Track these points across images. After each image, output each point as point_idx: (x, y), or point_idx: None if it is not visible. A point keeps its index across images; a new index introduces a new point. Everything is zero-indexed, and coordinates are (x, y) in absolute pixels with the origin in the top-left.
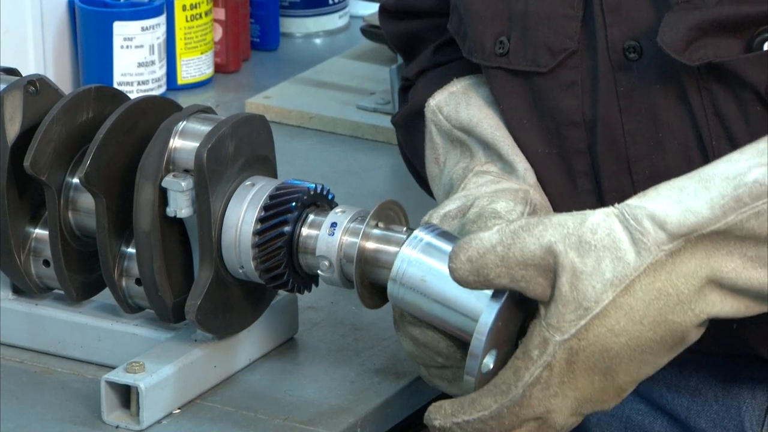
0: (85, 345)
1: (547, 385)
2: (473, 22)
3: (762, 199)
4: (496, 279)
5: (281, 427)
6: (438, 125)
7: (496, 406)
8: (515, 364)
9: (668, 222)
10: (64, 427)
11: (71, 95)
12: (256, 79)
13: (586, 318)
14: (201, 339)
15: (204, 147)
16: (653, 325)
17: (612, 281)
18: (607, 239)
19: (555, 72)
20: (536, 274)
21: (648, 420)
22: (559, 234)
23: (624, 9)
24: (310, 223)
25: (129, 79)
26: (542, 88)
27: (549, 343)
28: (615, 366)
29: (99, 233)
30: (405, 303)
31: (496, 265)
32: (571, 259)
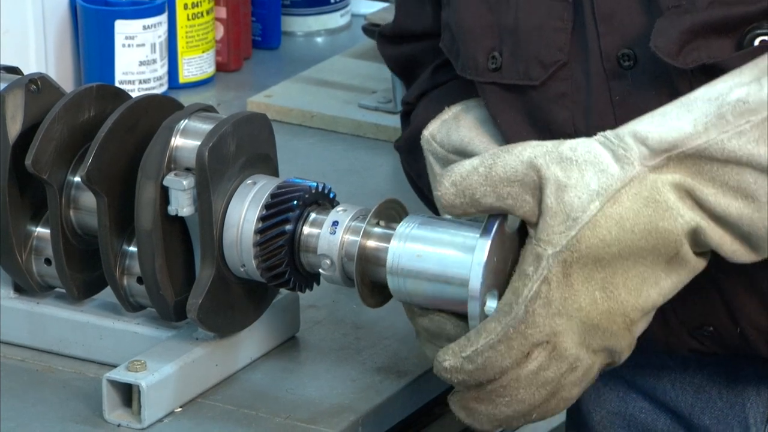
0: (87, 343)
1: (549, 301)
2: (465, 38)
3: (745, 118)
4: (483, 198)
5: (282, 426)
6: (434, 154)
7: (501, 327)
8: (513, 285)
9: (650, 138)
10: (65, 425)
11: (73, 94)
12: (257, 78)
13: (575, 228)
14: (202, 338)
15: (205, 146)
16: (644, 233)
17: (598, 191)
18: (588, 155)
19: (546, 84)
20: (522, 190)
21: (651, 418)
22: (539, 151)
23: (617, 18)
24: (312, 221)
25: (130, 77)
26: (535, 101)
27: (542, 258)
28: (612, 279)
29: (100, 232)
30: (407, 293)
31: (481, 184)
32: (554, 172)
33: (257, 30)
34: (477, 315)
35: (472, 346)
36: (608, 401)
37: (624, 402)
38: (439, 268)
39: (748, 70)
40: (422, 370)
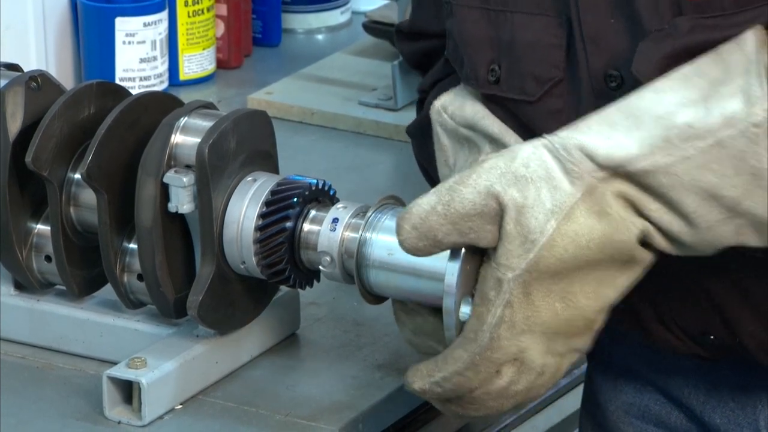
0: (87, 340)
1: (512, 323)
2: (467, 49)
3: (690, 143)
4: (445, 238)
5: (283, 423)
6: (443, 125)
7: (468, 354)
8: (477, 311)
9: (597, 154)
10: (65, 422)
11: (73, 91)
12: (257, 75)
13: (533, 251)
14: (203, 335)
15: (206, 143)
16: (600, 247)
17: (552, 210)
18: (541, 170)
19: (542, 100)
20: (483, 222)
21: (665, 410)
22: (494, 176)
23: (603, 39)
24: (312, 218)
25: (131, 74)
26: (531, 116)
27: (503, 282)
28: (570, 288)
29: (100, 229)
30: (384, 286)
31: (441, 225)
32: (511, 196)
33: (258, 27)
34: (452, 326)
35: (440, 372)
36: (624, 392)
37: (639, 394)
38: (412, 265)
39: (696, 79)
40: None
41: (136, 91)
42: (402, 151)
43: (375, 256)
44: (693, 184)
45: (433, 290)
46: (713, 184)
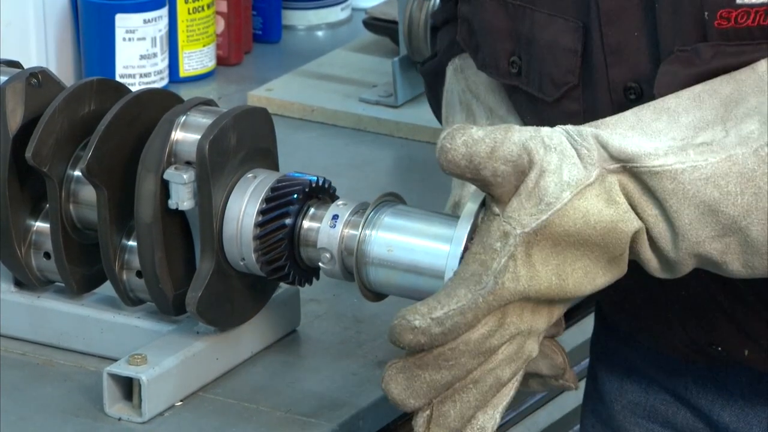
0: (87, 337)
1: (517, 277)
2: (486, 38)
3: (704, 156)
4: (482, 170)
5: (283, 420)
6: (455, 84)
7: (472, 294)
8: (479, 258)
9: (611, 145)
10: (66, 419)
11: (73, 87)
12: (258, 72)
13: (547, 213)
14: (203, 331)
15: (206, 139)
16: (604, 231)
17: (569, 183)
18: (561, 146)
19: (560, 102)
20: (512, 171)
21: (672, 410)
22: (527, 134)
23: (625, 52)
24: (312, 215)
25: (131, 71)
26: (549, 115)
27: (510, 236)
28: (564, 267)
29: (100, 225)
30: (384, 283)
31: (485, 157)
32: (541, 157)
33: (258, 24)
34: None
35: (443, 308)
36: (630, 392)
37: (646, 393)
38: (412, 262)
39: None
40: None
41: (136, 87)
42: (402, 148)
43: (374, 253)
44: (696, 195)
45: (432, 287)
46: (715, 198)
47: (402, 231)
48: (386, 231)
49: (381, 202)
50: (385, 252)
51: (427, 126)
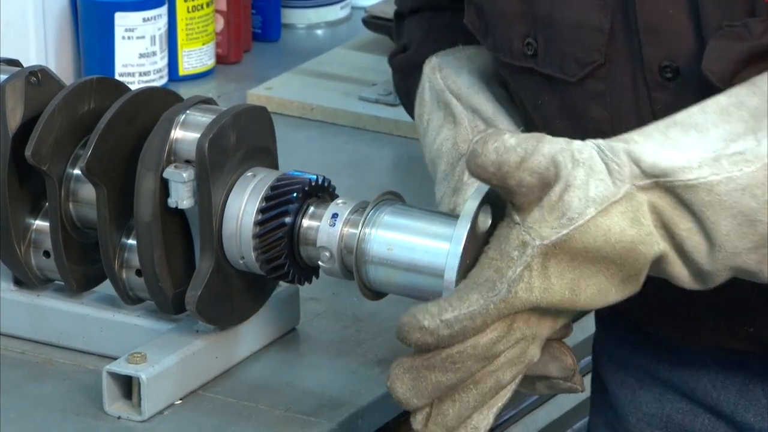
0: (87, 336)
1: (530, 287)
2: (498, 21)
3: (739, 166)
4: (509, 178)
5: (282, 418)
6: (432, 83)
7: (484, 300)
8: (494, 264)
9: (643, 160)
10: (65, 417)
11: (73, 86)
12: (257, 70)
13: (568, 228)
14: (202, 330)
15: (205, 137)
16: (623, 251)
17: (594, 199)
18: (590, 161)
19: (584, 82)
20: (539, 183)
21: (689, 418)
22: (557, 147)
23: (661, 29)
24: (311, 214)
25: (130, 70)
26: (571, 96)
27: (528, 246)
28: (578, 282)
29: (100, 224)
30: (383, 282)
31: (513, 166)
32: (568, 171)
33: (257, 22)
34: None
35: (454, 311)
36: (644, 403)
37: (660, 403)
38: (412, 261)
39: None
40: None
41: (136, 86)
42: (402, 147)
43: (374, 252)
44: (733, 206)
45: (431, 286)
46: (753, 209)
47: (402, 230)
48: (386, 230)
49: (380, 201)
50: (384, 251)
51: None
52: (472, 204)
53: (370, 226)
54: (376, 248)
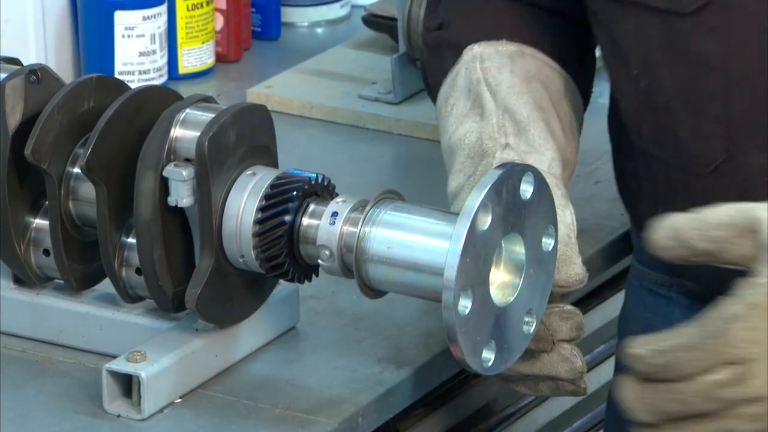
0: (87, 334)
1: (751, 327)
2: None
3: None
4: (694, 242)
5: (282, 417)
6: (468, 71)
7: (699, 334)
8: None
9: None
10: (65, 416)
11: (72, 84)
12: (257, 69)
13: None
14: (202, 328)
15: (205, 136)
16: None
17: None
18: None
19: (698, 14)
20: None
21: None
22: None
23: None
24: (311, 212)
25: (130, 68)
26: (681, 29)
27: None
28: None
29: (99, 222)
30: (383, 280)
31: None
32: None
33: (257, 21)
34: (451, 304)
35: (668, 341)
36: None
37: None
38: (411, 259)
39: None
40: (423, 361)
41: (136, 84)
42: (402, 145)
43: (374, 251)
44: None
45: (431, 284)
46: None
47: (401, 228)
48: (386, 228)
49: (380, 199)
50: (384, 249)
51: (426, 123)
52: (472, 202)
53: (370, 225)
54: (375, 246)
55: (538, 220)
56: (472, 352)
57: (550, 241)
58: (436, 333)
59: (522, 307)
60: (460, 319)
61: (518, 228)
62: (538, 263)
